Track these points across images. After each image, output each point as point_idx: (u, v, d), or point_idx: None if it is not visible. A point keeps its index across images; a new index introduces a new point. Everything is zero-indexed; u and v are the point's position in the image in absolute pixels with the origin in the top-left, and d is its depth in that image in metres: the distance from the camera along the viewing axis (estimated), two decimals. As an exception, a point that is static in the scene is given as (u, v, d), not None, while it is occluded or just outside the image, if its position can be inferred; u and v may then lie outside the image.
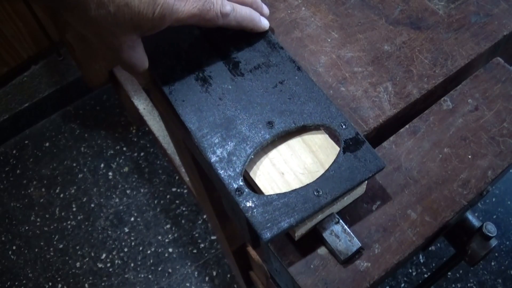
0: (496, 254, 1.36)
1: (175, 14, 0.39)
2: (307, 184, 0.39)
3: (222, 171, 0.39)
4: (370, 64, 0.50)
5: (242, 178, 0.39)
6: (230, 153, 0.40)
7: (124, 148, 1.64)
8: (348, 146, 0.40)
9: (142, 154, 1.63)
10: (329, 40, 0.53)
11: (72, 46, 1.22)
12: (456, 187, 0.43)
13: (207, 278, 1.41)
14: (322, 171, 0.40)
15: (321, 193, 0.38)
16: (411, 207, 0.42)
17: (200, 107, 0.43)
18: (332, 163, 0.39)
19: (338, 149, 0.41)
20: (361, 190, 0.42)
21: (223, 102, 0.43)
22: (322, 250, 0.40)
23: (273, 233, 0.36)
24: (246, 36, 0.47)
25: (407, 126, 0.46)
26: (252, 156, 0.40)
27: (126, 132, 1.67)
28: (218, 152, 0.40)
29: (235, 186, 0.38)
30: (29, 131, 1.68)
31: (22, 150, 1.66)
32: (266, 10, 0.49)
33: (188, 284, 1.40)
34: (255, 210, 0.37)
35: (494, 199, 1.45)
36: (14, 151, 1.66)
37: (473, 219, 0.48)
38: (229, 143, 0.41)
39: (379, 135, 0.47)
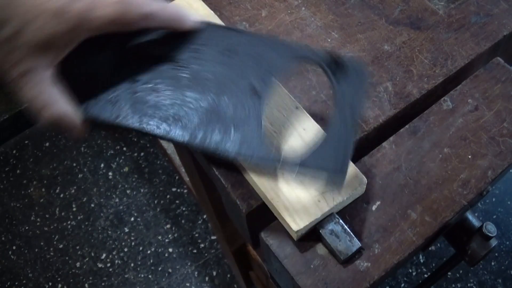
0: (496, 254, 1.36)
1: (89, 22, 0.33)
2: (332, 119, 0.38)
3: (258, 160, 0.37)
4: (370, 64, 0.50)
5: (277, 150, 0.38)
6: (241, 142, 0.38)
7: (124, 148, 1.64)
8: (333, 70, 0.39)
9: (142, 154, 1.63)
10: (329, 40, 0.53)
11: (72, 46, 1.21)
12: (456, 187, 0.43)
13: (207, 278, 1.41)
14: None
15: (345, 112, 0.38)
16: (411, 207, 0.42)
17: (175, 118, 0.39)
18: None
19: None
20: (361, 190, 0.42)
21: (191, 100, 0.40)
22: (322, 250, 0.40)
23: (345, 172, 0.37)
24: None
25: (407, 126, 0.46)
26: (263, 130, 0.38)
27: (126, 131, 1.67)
28: (230, 147, 0.38)
29: (277, 161, 0.37)
30: (29, 131, 1.68)
31: (22, 150, 1.66)
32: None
33: (188, 284, 1.40)
34: (320, 159, 0.37)
35: (494, 199, 1.45)
36: (14, 151, 1.66)
37: (473, 219, 0.48)
38: (232, 132, 0.38)
39: (379, 135, 0.47)
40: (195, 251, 1.45)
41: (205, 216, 1.49)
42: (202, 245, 1.45)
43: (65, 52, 0.33)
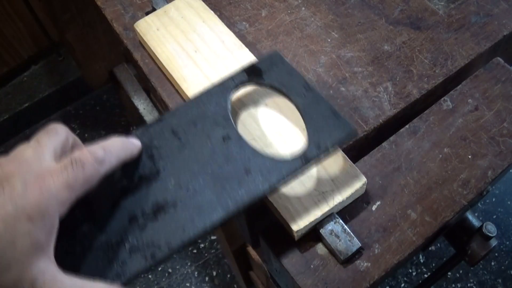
0: (496, 254, 1.36)
1: (52, 203, 0.31)
2: None
3: (280, 173, 0.38)
4: (370, 64, 0.50)
5: (286, 156, 0.39)
6: (260, 175, 0.38)
7: (124, 148, 1.63)
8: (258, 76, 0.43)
9: (142, 154, 1.62)
10: (329, 40, 0.53)
11: (72, 46, 1.22)
12: (456, 187, 0.43)
13: (207, 278, 1.41)
14: (322, 171, 0.40)
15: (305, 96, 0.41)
16: (411, 207, 0.42)
17: (200, 210, 0.38)
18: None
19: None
20: (361, 190, 0.41)
21: (193, 188, 0.39)
22: (322, 250, 0.40)
23: (346, 121, 0.39)
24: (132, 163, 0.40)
25: (407, 126, 0.46)
26: (262, 151, 0.39)
27: (126, 132, 1.66)
28: (257, 187, 0.38)
29: (298, 162, 0.38)
30: (29, 131, 1.68)
31: (22, 150, 1.66)
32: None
33: (188, 284, 1.40)
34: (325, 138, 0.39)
35: (494, 199, 1.45)
36: (14, 151, 1.66)
37: (473, 219, 0.48)
38: (247, 175, 0.38)
39: (379, 135, 0.47)
40: (195, 251, 1.44)
41: (205, 216, 1.49)
42: (202, 245, 1.45)
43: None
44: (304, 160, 0.38)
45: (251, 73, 0.43)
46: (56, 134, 0.37)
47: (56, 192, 0.32)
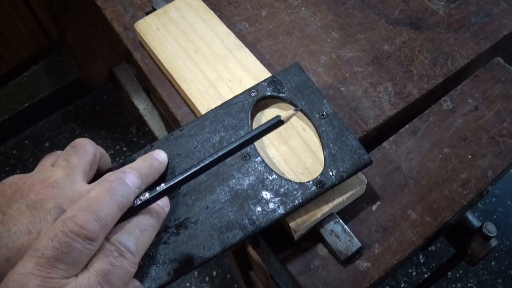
0: (496, 254, 1.36)
1: None
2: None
3: (293, 202, 0.38)
4: (370, 64, 0.50)
5: (303, 182, 0.39)
6: (275, 193, 0.39)
7: (124, 148, 1.64)
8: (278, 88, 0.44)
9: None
10: (329, 40, 0.53)
11: (72, 46, 1.22)
12: (456, 187, 0.43)
13: (207, 278, 1.41)
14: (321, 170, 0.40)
15: (321, 116, 0.42)
16: (411, 207, 0.42)
17: (227, 228, 0.38)
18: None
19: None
20: (361, 190, 0.42)
21: (211, 208, 0.39)
22: (322, 250, 0.40)
23: (363, 150, 0.40)
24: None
25: (407, 126, 0.46)
26: (277, 174, 0.40)
27: (126, 132, 1.67)
28: (271, 205, 0.38)
29: (312, 189, 0.39)
30: (29, 131, 1.68)
31: (22, 150, 1.66)
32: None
33: (188, 284, 1.40)
34: (339, 170, 0.39)
35: (494, 199, 1.45)
36: (14, 151, 1.66)
37: (473, 219, 0.48)
38: (262, 196, 0.39)
39: (379, 135, 0.47)
40: (195, 251, 1.44)
41: (205, 216, 1.49)
42: (202, 245, 1.45)
43: None
44: (321, 188, 0.38)
45: (271, 85, 0.44)
46: (85, 153, 0.37)
47: None
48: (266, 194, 0.39)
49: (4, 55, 1.55)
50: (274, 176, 0.39)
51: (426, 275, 1.36)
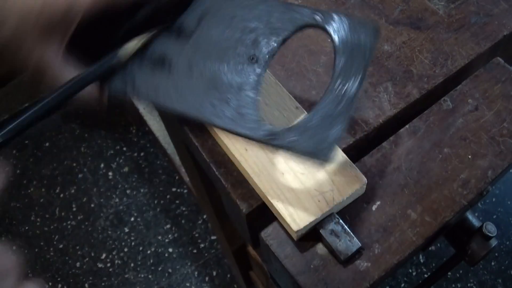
0: (496, 254, 1.36)
1: (77, 5, 0.33)
2: (329, 84, 0.36)
3: (243, 129, 0.37)
4: (370, 64, 0.50)
5: (263, 122, 0.37)
6: (237, 108, 0.38)
7: (124, 148, 1.64)
8: (339, 30, 0.38)
9: (142, 154, 1.63)
10: (329, 40, 0.52)
11: (72, 46, 1.21)
12: (456, 187, 0.43)
13: (207, 278, 1.41)
14: (322, 171, 0.40)
15: (346, 85, 0.35)
16: (411, 207, 0.42)
17: (177, 90, 0.39)
18: (336, 55, 0.37)
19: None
20: (361, 190, 0.42)
21: (194, 69, 0.39)
22: (322, 250, 0.40)
23: (331, 149, 0.34)
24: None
25: (407, 126, 0.46)
26: (259, 98, 0.38)
27: (126, 132, 1.67)
28: (226, 113, 0.37)
29: (263, 133, 0.36)
30: (29, 131, 1.69)
31: (22, 150, 1.66)
32: None
33: (188, 284, 1.40)
34: (299, 141, 0.35)
35: (494, 199, 1.45)
36: (14, 151, 1.66)
37: (473, 219, 0.48)
38: (229, 99, 0.38)
39: (379, 135, 0.47)
40: (195, 251, 1.45)
41: (205, 216, 1.49)
42: (202, 245, 1.45)
43: (68, 34, 0.34)
44: (269, 139, 0.37)
45: (340, 26, 0.39)
46: None
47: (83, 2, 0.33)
48: (231, 102, 0.37)
49: (4, 55, 1.55)
50: (254, 96, 0.37)
51: (426, 275, 1.36)
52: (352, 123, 0.46)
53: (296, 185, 0.40)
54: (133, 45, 0.37)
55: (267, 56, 0.39)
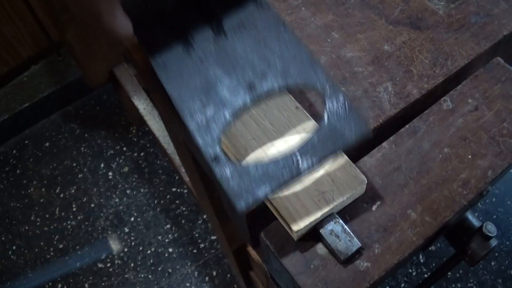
0: (496, 254, 1.36)
1: None
2: (288, 153, 0.37)
3: (200, 138, 0.37)
4: (370, 64, 0.50)
5: (219, 145, 0.37)
6: (209, 119, 0.38)
7: (124, 148, 1.64)
8: (333, 110, 0.38)
9: (142, 154, 1.63)
10: (329, 40, 0.53)
11: (72, 46, 1.22)
12: (456, 187, 0.43)
13: (207, 278, 1.41)
14: (322, 171, 0.40)
15: (300, 160, 0.36)
16: (411, 207, 0.42)
17: (181, 72, 0.40)
18: (316, 129, 0.37)
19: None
20: (361, 190, 0.41)
21: (204, 65, 0.41)
22: (322, 250, 0.40)
23: (248, 203, 0.35)
24: None
25: (407, 126, 0.46)
26: (231, 120, 0.38)
27: (126, 132, 1.67)
28: (198, 118, 0.38)
29: (212, 153, 0.36)
30: (29, 131, 1.68)
31: (22, 150, 1.66)
32: None
33: (188, 284, 1.40)
34: (231, 180, 0.36)
35: (494, 199, 1.45)
36: (14, 151, 1.66)
37: (473, 219, 0.48)
38: (209, 108, 0.39)
39: (379, 135, 0.47)
40: (195, 251, 1.44)
41: (205, 216, 1.49)
42: (202, 245, 1.45)
43: None
44: (213, 160, 0.37)
45: (336, 104, 0.39)
46: None
47: None
48: (207, 110, 0.39)
49: (4, 55, 1.55)
50: (228, 118, 0.39)
51: (426, 275, 1.36)
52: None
53: (296, 185, 0.40)
54: None
55: (263, 94, 0.39)
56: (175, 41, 0.42)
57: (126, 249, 1.46)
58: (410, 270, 1.35)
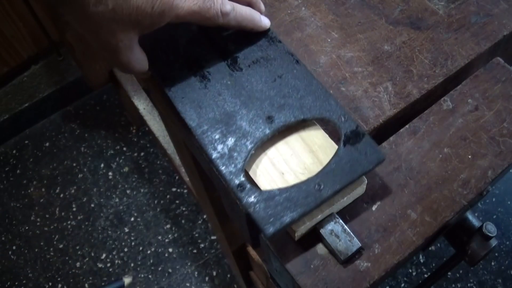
0: (496, 254, 1.36)
1: (174, 10, 0.39)
2: (308, 179, 0.39)
3: (224, 167, 0.39)
4: (370, 64, 0.50)
5: (243, 173, 0.39)
6: (231, 149, 0.40)
7: (124, 148, 1.64)
8: (348, 139, 0.40)
9: (142, 154, 1.63)
10: (329, 40, 0.53)
11: (72, 46, 1.22)
12: (456, 187, 0.43)
13: (207, 278, 1.41)
14: None
15: (322, 187, 0.38)
16: (411, 207, 0.42)
17: (199, 104, 0.43)
18: (333, 156, 0.39)
19: (337, 147, 0.41)
20: (361, 190, 0.41)
21: (222, 98, 0.43)
22: (322, 250, 0.40)
23: (276, 228, 0.36)
24: (244, 31, 0.47)
25: (407, 126, 0.46)
26: (253, 152, 0.40)
27: (126, 132, 1.67)
28: (219, 148, 0.40)
29: (237, 182, 0.38)
30: (29, 131, 1.68)
31: (22, 150, 1.66)
32: (263, 7, 0.49)
33: (188, 284, 1.40)
34: (257, 205, 0.37)
35: (494, 199, 1.45)
36: (14, 151, 1.66)
37: (473, 219, 0.48)
38: (230, 138, 0.41)
39: (379, 135, 0.47)
40: (195, 251, 1.45)
41: (205, 216, 1.49)
42: (202, 245, 1.45)
43: (150, 30, 0.40)
44: (238, 188, 0.39)
45: (352, 133, 0.41)
46: None
47: (181, 9, 0.39)
48: (228, 141, 0.41)
49: (4, 55, 1.55)
50: (250, 148, 0.40)
51: (426, 275, 1.36)
52: (352, 123, 0.46)
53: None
54: None
55: (281, 125, 0.41)
56: (192, 75, 0.44)
57: (126, 249, 1.46)
58: (410, 270, 1.35)
